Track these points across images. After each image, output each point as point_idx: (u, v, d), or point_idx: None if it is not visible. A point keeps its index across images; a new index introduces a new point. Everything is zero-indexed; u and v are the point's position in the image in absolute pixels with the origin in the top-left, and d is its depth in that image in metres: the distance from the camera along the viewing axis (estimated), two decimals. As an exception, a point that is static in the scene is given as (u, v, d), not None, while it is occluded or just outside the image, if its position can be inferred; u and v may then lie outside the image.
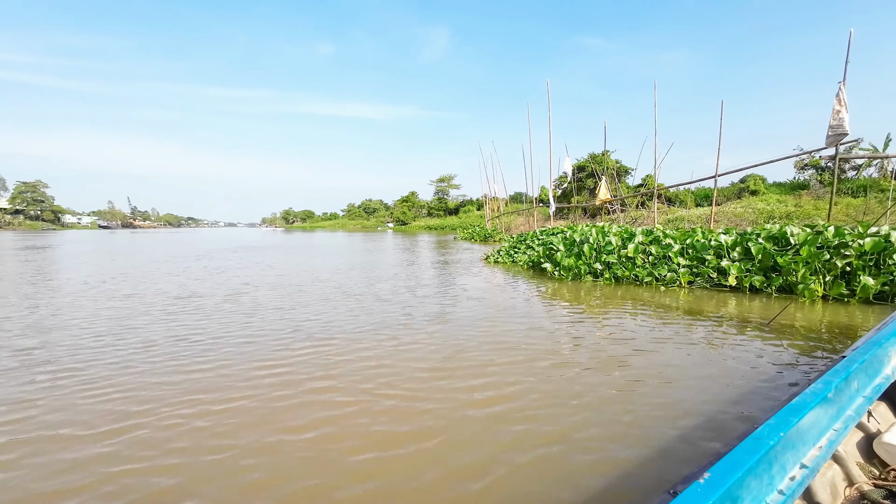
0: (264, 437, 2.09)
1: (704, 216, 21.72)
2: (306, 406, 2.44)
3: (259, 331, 4.09)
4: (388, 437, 2.09)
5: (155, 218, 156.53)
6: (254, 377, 2.89)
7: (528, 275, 8.12)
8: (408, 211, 59.16)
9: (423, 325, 4.30)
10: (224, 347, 3.57)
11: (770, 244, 5.91)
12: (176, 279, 7.74)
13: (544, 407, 2.39)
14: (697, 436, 2.07)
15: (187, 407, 2.44)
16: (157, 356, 3.34)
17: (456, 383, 2.76)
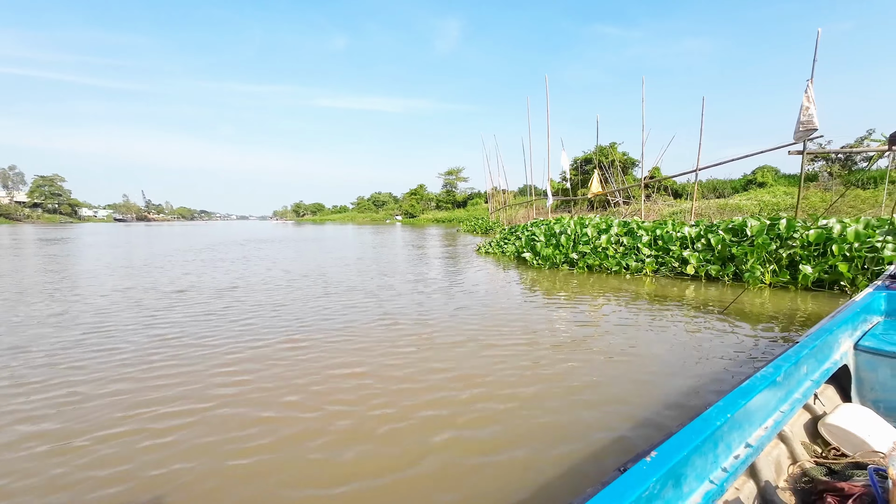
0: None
1: (710, 208, 21.87)
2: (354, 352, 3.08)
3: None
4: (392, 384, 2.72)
5: (168, 211, 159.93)
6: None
7: (513, 264, 8.67)
8: (416, 204, 59.80)
9: (385, 315, 4.92)
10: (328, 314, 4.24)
11: (729, 235, 6.37)
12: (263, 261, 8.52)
13: (507, 386, 2.74)
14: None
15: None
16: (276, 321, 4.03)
17: (431, 359, 3.37)
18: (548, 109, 15.23)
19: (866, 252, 5.08)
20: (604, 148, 32.73)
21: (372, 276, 7.32)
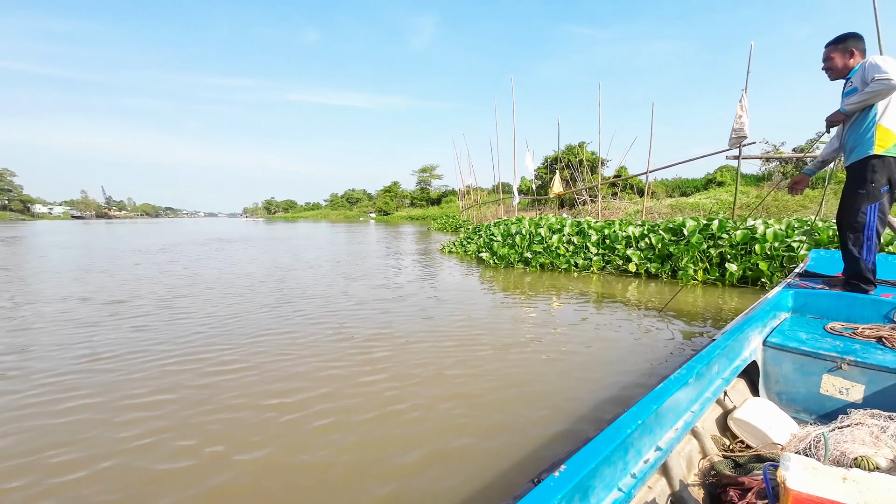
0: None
1: (666, 207, 22.79)
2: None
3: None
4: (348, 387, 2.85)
5: (131, 208, 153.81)
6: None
7: (473, 263, 8.91)
8: (390, 201, 59.61)
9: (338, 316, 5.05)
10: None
11: (669, 235, 6.77)
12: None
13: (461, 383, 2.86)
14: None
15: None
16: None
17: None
18: (514, 110, 15.55)
19: (784, 251, 5.53)
20: (573, 147, 33.58)
21: (335, 278, 7.40)
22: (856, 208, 2.50)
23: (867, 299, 2.31)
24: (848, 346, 1.96)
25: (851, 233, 2.54)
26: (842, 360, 1.84)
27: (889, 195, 2.43)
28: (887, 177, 2.40)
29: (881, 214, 2.45)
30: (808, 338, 2.06)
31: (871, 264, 2.49)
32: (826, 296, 2.39)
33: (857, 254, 2.51)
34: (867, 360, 1.81)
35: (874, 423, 1.51)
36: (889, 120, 2.37)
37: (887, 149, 2.37)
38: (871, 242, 2.47)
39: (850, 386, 1.83)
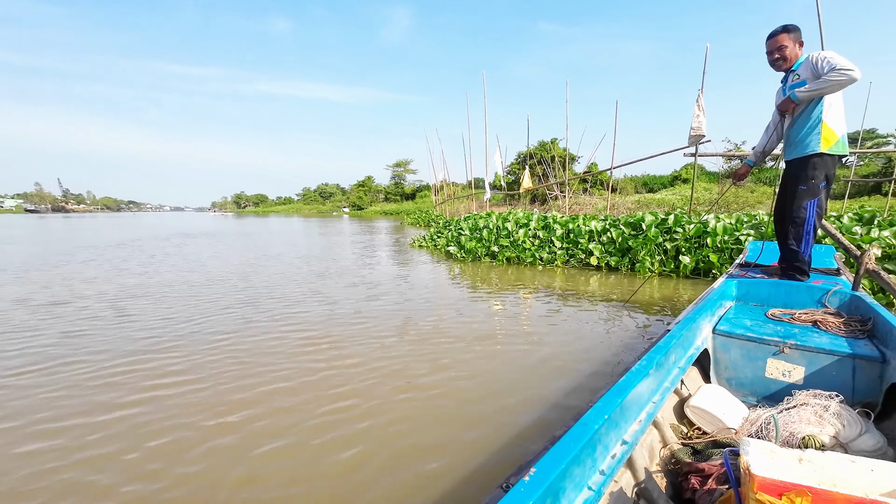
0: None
1: (637, 202, 23.49)
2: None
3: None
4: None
5: (91, 201, 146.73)
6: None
7: (442, 257, 8.98)
8: (364, 196, 58.99)
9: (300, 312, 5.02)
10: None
11: (629, 229, 7.02)
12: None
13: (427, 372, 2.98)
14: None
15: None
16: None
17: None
18: (485, 106, 15.65)
19: (733, 244, 5.83)
20: (545, 143, 34.05)
21: (304, 275, 7.32)
22: (797, 204, 2.63)
23: (802, 286, 2.46)
24: (788, 331, 2.07)
25: (793, 227, 2.66)
26: (783, 344, 1.93)
27: (825, 190, 2.58)
28: (825, 173, 2.53)
29: (819, 210, 2.60)
30: (753, 324, 2.16)
31: (808, 256, 2.65)
32: (766, 284, 2.53)
33: (795, 246, 2.65)
34: (806, 342, 1.92)
35: (817, 403, 1.64)
36: (832, 118, 2.47)
37: (830, 147, 2.48)
38: (809, 236, 2.62)
39: (791, 368, 1.94)
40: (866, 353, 1.82)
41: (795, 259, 2.67)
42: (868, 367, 1.81)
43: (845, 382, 1.84)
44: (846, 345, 1.89)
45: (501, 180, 21.28)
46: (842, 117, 2.52)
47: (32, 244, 13.29)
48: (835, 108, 2.50)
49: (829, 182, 2.58)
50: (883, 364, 1.80)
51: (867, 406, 1.73)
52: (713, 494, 1.21)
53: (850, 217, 5.63)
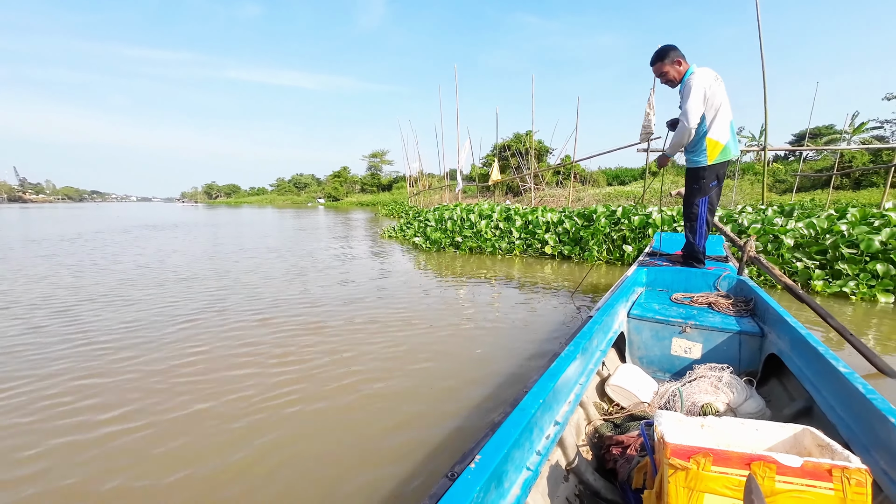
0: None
1: (608, 194, 24.29)
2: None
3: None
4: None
5: (51, 191, 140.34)
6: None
7: (409, 247, 9.29)
8: (339, 186, 58.52)
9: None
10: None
11: (582, 220, 7.48)
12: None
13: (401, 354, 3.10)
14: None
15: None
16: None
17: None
18: (457, 99, 15.93)
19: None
20: (520, 135, 34.57)
21: (268, 268, 7.51)
22: (691, 201, 3.02)
23: (699, 273, 2.80)
24: (688, 313, 2.32)
25: (688, 222, 3.05)
26: (685, 325, 2.15)
27: (717, 188, 2.96)
28: (715, 174, 2.91)
29: (710, 206, 2.98)
30: (660, 308, 2.40)
31: (702, 246, 3.01)
32: (670, 271, 2.85)
33: (692, 238, 3.02)
34: (703, 322, 2.15)
35: (712, 375, 1.87)
36: (715, 133, 2.83)
37: (716, 158, 2.85)
38: (702, 230, 2.98)
39: (692, 345, 2.15)
40: (749, 329, 2.09)
41: (693, 249, 3.05)
42: (751, 341, 2.08)
43: (734, 355, 2.10)
44: (734, 323, 2.16)
45: (476, 173, 21.57)
46: (725, 126, 2.85)
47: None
48: (717, 122, 2.83)
49: (720, 180, 2.96)
50: (762, 338, 2.06)
51: (750, 374, 1.99)
52: (632, 462, 1.32)
53: (774, 210, 6.22)
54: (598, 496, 1.31)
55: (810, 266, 4.86)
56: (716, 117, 2.83)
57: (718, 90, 2.81)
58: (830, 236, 4.97)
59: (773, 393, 1.90)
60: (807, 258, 4.96)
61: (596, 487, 1.32)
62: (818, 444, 1.01)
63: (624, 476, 1.31)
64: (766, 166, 8.39)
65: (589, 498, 1.31)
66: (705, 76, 2.78)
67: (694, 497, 0.91)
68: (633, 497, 1.23)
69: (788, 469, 0.88)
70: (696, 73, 2.80)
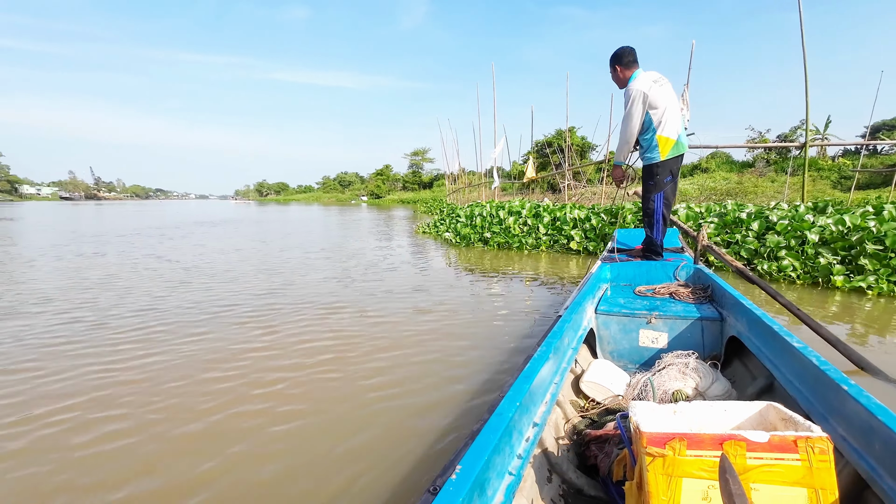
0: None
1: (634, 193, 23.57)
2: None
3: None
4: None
5: (121, 189, 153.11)
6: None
7: (441, 243, 9.78)
8: (382, 184, 60.22)
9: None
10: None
11: (609, 217, 7.65)
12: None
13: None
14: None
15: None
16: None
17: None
18: (494, 97, 16.22)
19: (696, 229, 6.42)
20: (562, 132, 34.14)
21: (320, 261, 8.24)
22: (647, 197, 3.19)
23: (658, 265, 2.94)
24: (652, 304, 2.39)
25: (646, 217, 3.22)
26: (650, 316, 2.22)
27: (672, 184, 3.17)
28: (669, 170, 3.12)
29: (666, 201, 3.17)
30: (625, 301, 2.47)
31: (660, 239, 3.20)
32: (632, 266, 2.98)
33: (650, 232, 3.21)
34: (666, 312, 2.22)
35: (680, 362, 1.92)
36: (665, 130, 3.04)
37: (668, 154, 3.06)
38: (659, 224, 3.16)
39: (658, 335, 2.22)
40: (709, 314, 2.18)
41: (651, 243, 3.22)
42: (712, 326, 2.16)
43: (697, 341, 2.18)
44: (695, 310, 2.24)
45: (516, 169, 21.73)
46: (674, 124, 3.04)
47: (57, 232, 14.72)
48: (666, 120, 3.02)
49: (675, 176, 3.15)
50: (722, 322, 2.15)
51: (714, 358, 2.06)
52: (611, 456, 1.34)
53: (806, 206, 6.15)
54: (582, 493, 1.32)
55: (832, 262, 4.86)
56: (664, 116, 3.02)
57: (660, 92, 3.00)
58: (859, 233, 4.94)
59: (736, 373, 1.98)
60: (831, 254, 4.96)
61: (579, 485, 1.33)
62: (782, 418, 1.05)
63: (605, 470, 1.33)
64: (806, 161, 8.15)
65: (573, 496, 1.31)
66: (643, 83, 2.98)
67: (673, 483, 0.92)
68: (615, 490, 1.24)
69: (757, 445, 0.91)
70: (636, 79, 3.02)
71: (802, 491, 0.89)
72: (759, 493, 0.90)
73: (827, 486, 0.89)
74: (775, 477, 0.90)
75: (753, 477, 0.90)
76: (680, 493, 0.92)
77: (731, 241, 5.99)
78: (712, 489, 0.91)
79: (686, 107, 8.39)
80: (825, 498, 0.88)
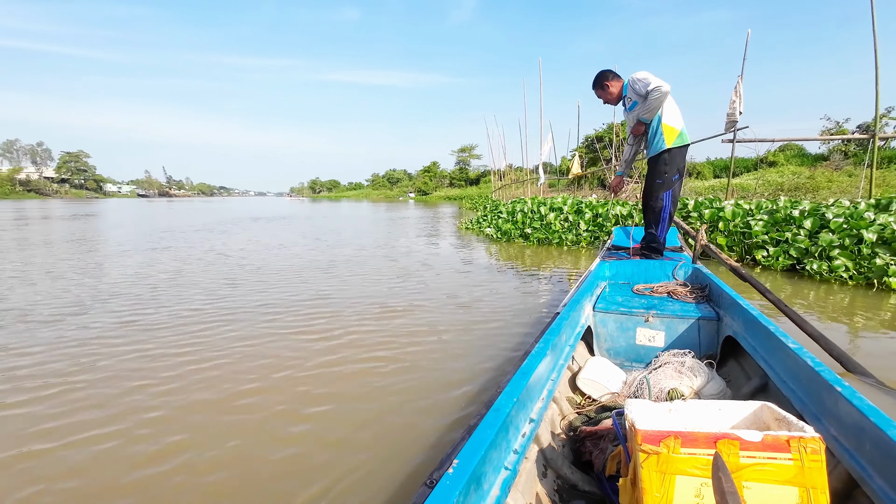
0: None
1: (711, 188, 22.54)
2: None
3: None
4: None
5: (189, 187, 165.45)
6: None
7: (482, 238, 10.05)
8: (429, 181, 61.16)
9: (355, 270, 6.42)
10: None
11: (652, 214, 7.60)
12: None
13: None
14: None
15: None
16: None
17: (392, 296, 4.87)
18: (541, 92, 16.20)
19: (743, 228, 6.27)
20: (613, 125, 33.10)
21: (343, 258, 8.81)
22: (655, 195, 3.18)
23: (657, 263, 2.94)
24: (650, 302, 2.41)
25: (652, 214, 3.21)
26: (648, 314, 2.23)
27: (679, 182, 3.16)
28: (676, 167, 3.10)
29: (673, 199, 3.18)
30: (623, 300, 2.48)
31: (663, 238, 3.21)
32: (630, 264, 2.99)
33: (653, 230, 3.20)
34: (664, 311, 2.24)
35: (676, 361, 1.94)
36: (669, 118, 3.06)
37: (673, 142, 3.06)
38: (664, 222, 3.18)
39: (655, 334, 2.23)
40: (707, 314, 2.20)
41: (653, 241, 3.22)
42: (708, 326, 2.18)
43: (694, 340, 2.19)
44: (692, 309, 2.26)
45: (565, 165, 21.52)
46: (677, 115, 3.11)
47: (140, 224, 16.38)
48: (669, 111, 3.08)
49: (682, 174, 3.14)
50: (719, 322, 2.17)
51: (710, 357, 2.08)
52: (606, 452, 1.35)
53: (868, 203, 5.83)
54: (576, 489, 1.34)
55: (890, 263, 4.64)
56: (666, 108, 3.09)
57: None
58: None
59: (731, 373, 2.00)
60: (889, 254, 4.73)
61: (573, 480, 1.35)
62: (776, 418, 1.06)
63: (600, 466, 1.35)
64: (873, 153, 7.61)
65: (567, 491, 1.33)
66: (641, 72, 3.09)
67: (666, 480, 0.94)
68: (609, 486, 1.26)
69: (750, 444, 0.92)
70: (634, 73, 3.13)
71: (794, 490, 0.90)
72: (752, 492, 0.92)
73: (818, 485, 0.90)
74: (767, 476, 0.91)
75: (746, 475, 0.92)
76: (673, 489, 0.93)
77: (779, 239, 5.81)
78: (705, 487, 0.92)
79: (739, 99, 8.16)
80: (816, 497, 0.90)
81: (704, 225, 3.26)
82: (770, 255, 5.74)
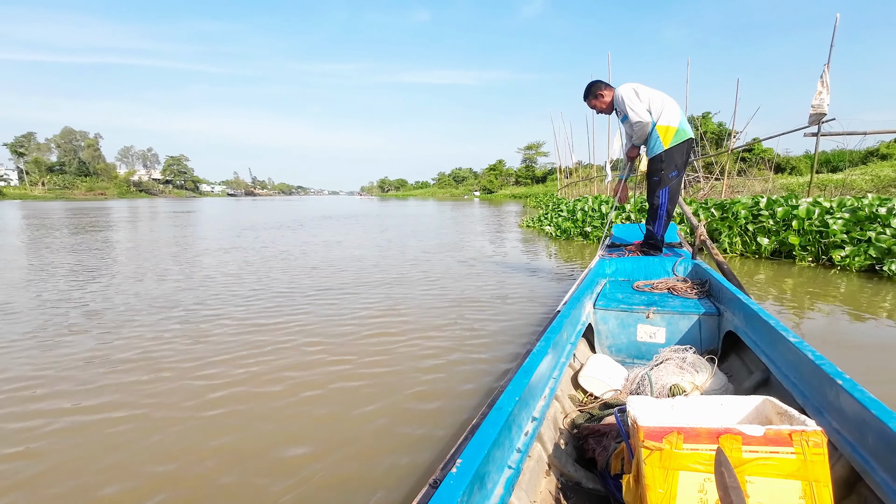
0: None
1: (802, 184, 20.59)
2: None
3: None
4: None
5: (271, 187, 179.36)
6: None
7: (542, 236, 10.27)
8: (495, 179, 61.30)
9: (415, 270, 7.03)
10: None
11: (719, 212, 7.40)
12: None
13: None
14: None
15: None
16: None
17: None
18: (608, 86, 15.91)
19: (819, 226, 5.98)
20: (694, 118, 31.09)
21: (402, 255, 9.47)
22: (653, 192, 3.23)
23: (657, 260, 2.95)
24: (650, 299, 2.40)
25: (650, 211, 3.26)
26: (648, 311, 2.23)
27: (678, 178, 3.18)
28: (674, 164, 3.11)
29: (671, 196, 3.21)
30: (623, 297, 2.48)
31: (661, 235, 3.26)
32: (630, 261, 2.98)
33: (652, 227, 3.25)
34: (664, 307, 2.24)
35: (677, 357, 1.92)
36: (664, 119, 3.10)
37: (671, 142, 3.09)
38: (662, 219, 3.22)
39: (656, 330, 2.22)
40: (707, 310, 2.21)
41: (652, 237, 3.27)
42: (709, 321, 2.19)
43: (695, 336, 2.20)
44: (693, 305, 2.27)
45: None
46: (673, 112, 3.13)
47: (229, 219, 18.43)
48: (661, 109, 3.12)
49: (681, 170, 3.16)
50: (719, 317, 2.18)
51: (711, 353, 2.08)
52: (609, 450, 1.36)
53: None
54: (580, 486, 1.34)
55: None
56: (658, 106, 3.13)
57: (645, 88, 3.15)
58: None
59: (733, 368, 2.02)
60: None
61: (577, 478, 1.36)
62: (777, 412, 1.07)
63: (603, 464, 1.35)
64: None
65: (571, 489, 1.34)
66: (627, 85, 3.18)
67: (669, 475, 0.93)
68: (612, 483, 1.27)
69: (753, 439, 0.91)
70: (620, 87, 3.20)
71: (797, 483, 0.90)
72: (755, 486, 0.91)
73: (821, 478, 0.90)
74: (770, 470, 0.91)
75: (749, 470, 0.91)
76: (676, 485, 0.93)
77: (860, 238, 5.51)
78: (708, 482, 0.92)
79: (826, 90, 7.66)
80: (819, 490, 0.89)
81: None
82: (847, 255, 5.47)
